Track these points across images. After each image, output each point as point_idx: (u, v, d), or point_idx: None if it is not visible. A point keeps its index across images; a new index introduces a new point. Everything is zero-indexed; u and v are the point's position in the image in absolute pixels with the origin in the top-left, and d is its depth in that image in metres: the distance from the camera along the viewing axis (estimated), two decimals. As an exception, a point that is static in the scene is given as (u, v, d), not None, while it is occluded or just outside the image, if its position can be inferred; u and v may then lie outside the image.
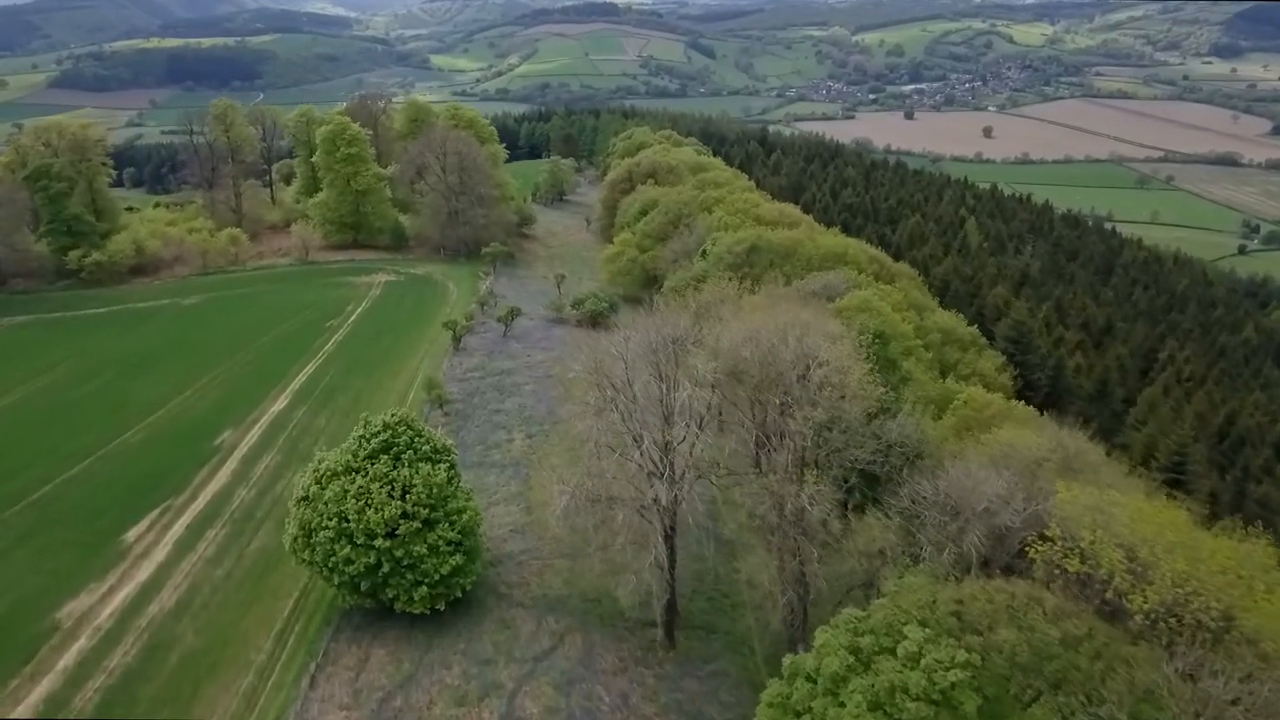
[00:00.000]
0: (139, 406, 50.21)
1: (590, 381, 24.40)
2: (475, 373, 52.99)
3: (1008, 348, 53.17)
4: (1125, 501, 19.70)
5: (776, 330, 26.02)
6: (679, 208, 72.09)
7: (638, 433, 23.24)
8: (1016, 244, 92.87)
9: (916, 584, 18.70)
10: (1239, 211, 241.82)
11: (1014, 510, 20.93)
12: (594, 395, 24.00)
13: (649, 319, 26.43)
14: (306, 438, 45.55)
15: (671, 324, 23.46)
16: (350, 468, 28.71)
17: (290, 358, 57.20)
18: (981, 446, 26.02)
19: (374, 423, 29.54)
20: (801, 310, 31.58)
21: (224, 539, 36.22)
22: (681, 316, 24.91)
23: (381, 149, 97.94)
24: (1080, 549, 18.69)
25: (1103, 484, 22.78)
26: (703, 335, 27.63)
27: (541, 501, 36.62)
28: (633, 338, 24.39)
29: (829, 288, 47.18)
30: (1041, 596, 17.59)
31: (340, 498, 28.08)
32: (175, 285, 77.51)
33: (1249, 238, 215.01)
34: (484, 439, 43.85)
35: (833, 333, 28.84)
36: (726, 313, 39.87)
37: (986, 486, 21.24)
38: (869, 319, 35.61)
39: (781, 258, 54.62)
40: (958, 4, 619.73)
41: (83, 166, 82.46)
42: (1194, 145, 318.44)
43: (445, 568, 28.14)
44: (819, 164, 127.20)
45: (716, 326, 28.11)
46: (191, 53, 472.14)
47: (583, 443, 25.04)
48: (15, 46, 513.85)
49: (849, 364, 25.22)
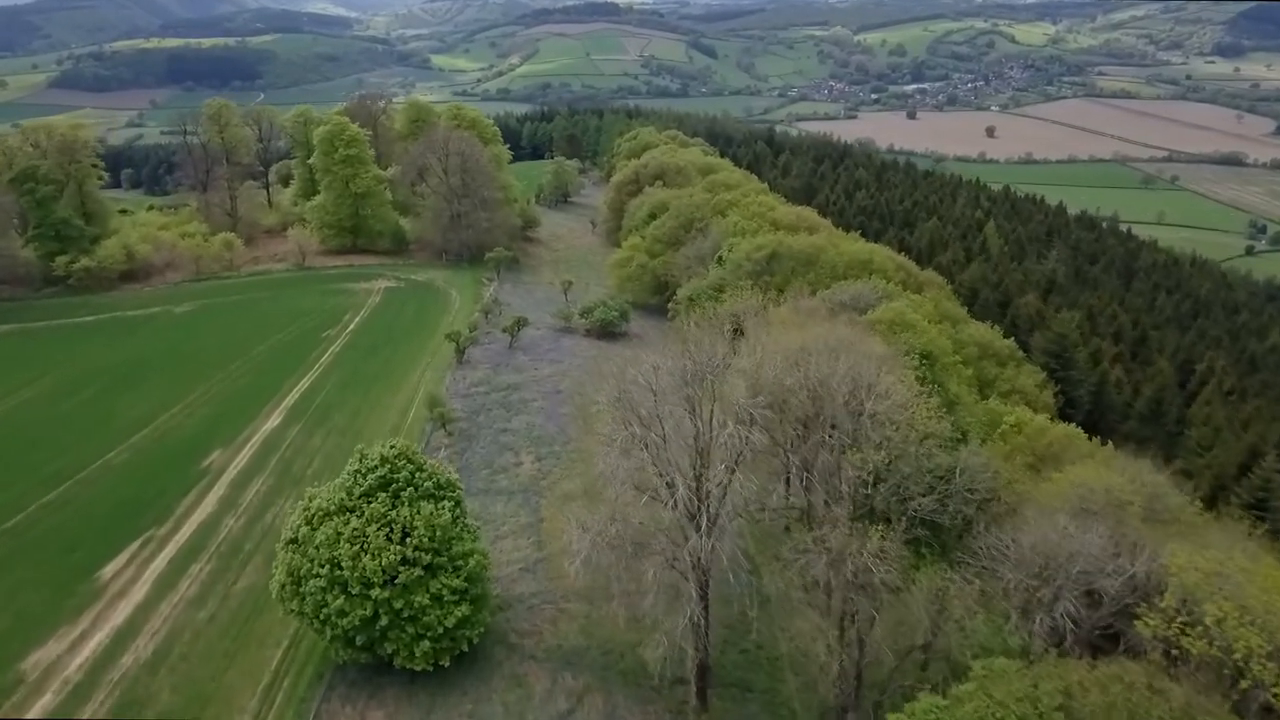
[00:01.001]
0: (124, 424, 47.37)
1: (616, 416, 21.49)
2: (480, 388, 50.07)
3: (1048, 362, 50.20)
4: (1252, 568, 16.78)
5: (823, 354, 23.09)
6: (690, 211, 69.17)
7: (671, 477, 20.33)
8: (1039, 248, 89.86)
9: (1009, 668, 15.79)
10: (1245, 212, 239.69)
11: (1112, 572, 18.02)
12: (621, 433, 21.08)
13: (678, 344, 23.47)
14: (300, 459, 42.66)
15: (707, 351, 20.54)
16: (344, 507, 25.77)
17: (284, 371, 54.32)
18: (1050, 484, 23.07)
19: (370, 456, 26.59)
20: (836, 326, 28.67)
21: (208, 576, 33.29)
22: (715, 339, 22.00)
23: (381, 150, 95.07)
24: (1204, 625, 15.79)
25: (1199, 537, 19.85)
26: (736, 356, 24.60)
27: (554, 533, 33.81)
28: (662, 366, 21.46)
29: (857, 299, 44.26)
30: (1166, 688, 14.70)
31: (333, 541, 25.15)
32: (167, 292, 74.61)
33: (1256, 238, 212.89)
34: (490, 462, 40.91)
35: (877, 353, 25.92)
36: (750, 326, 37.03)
37: (1078, 543, 18.30)
38: (914, 337, 32.72)
39: (803, 265, 51.71)
40: (959, 4, 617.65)
41: (72, 168, 79.61)
42: (1198, 145, 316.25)
43: (450, 620, 25.22)
44: (829, 165, 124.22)
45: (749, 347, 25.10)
46: (192, 53, 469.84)
47: (606, 482, 22.12)
48: (15, 47, 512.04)
49: (911, 395, 22.30)
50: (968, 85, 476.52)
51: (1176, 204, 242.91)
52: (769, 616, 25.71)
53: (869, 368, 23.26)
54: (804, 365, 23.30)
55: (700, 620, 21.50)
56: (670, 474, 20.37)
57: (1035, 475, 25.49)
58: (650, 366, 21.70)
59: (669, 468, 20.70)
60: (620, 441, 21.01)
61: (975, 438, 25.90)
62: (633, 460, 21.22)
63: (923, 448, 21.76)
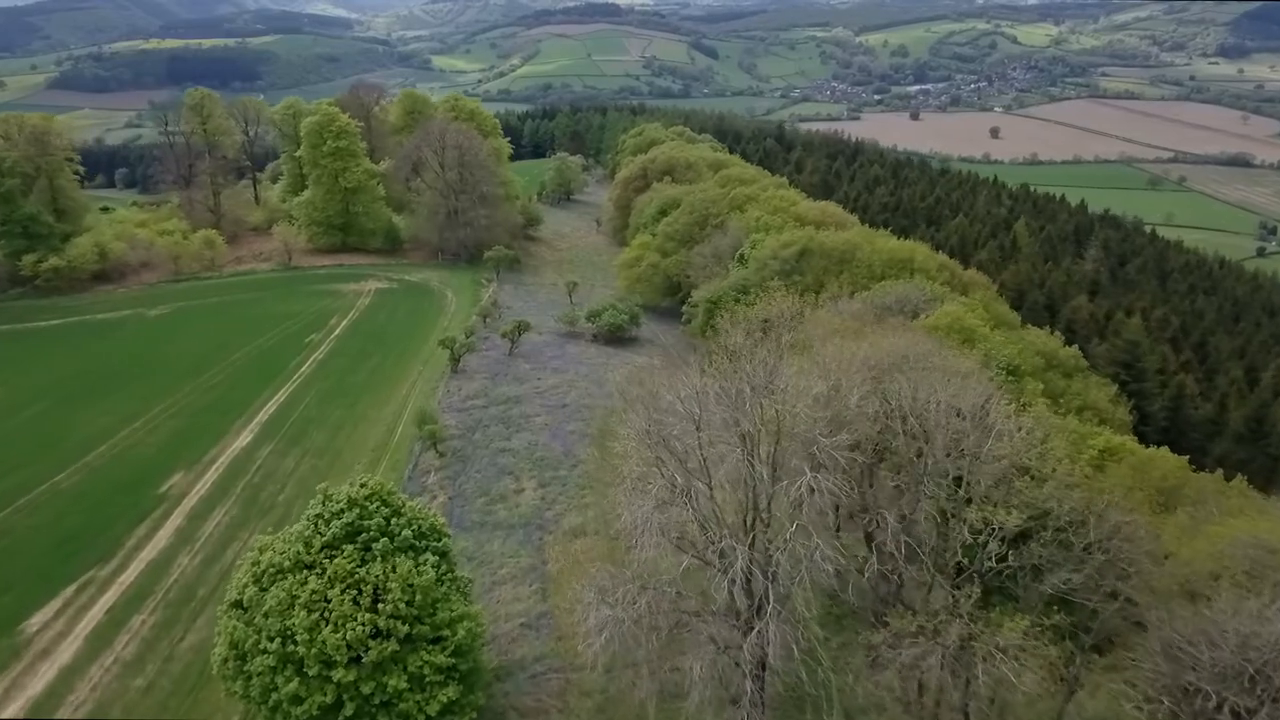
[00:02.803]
0: (78, 441, 42.27)
1: (647, 457, 16.35)
2: (476, 401, 44.88)
3: (1117, 373, 45.02)
4: None
5: (905, 372, 17.97)
6: (705, 206, 64.06)
7: (722, 541, 15.19)
8: (1071, 248, 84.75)
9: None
10: (1254, 213, 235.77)
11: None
12: (657, 481, 15.94)
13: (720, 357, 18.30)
14: (270, 485, 37.49)
15: (763, 367, 15.43)
16: (301, 562, 20.56)
17: (261, 381, 49.20)
18: (1202, 540, 17.91)
19: (335, 497, 21.40)
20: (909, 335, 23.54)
21: (151, 631, 28.08)
22: (771, 352, 16.93)
23: (375, 144, 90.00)
24: None
25: None
26: (794, 375, 19.25)
27: (562, 582, 28.59)
28: (708, 388, 16.29)
29: (903, 301, 39.16)
30: None
31: (286, 607, 19.95)
32: (141, 294, 69.50)
33: (1266, 239, 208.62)
34: (486, 488, 35.69)
35: (958, 369, 20.81)
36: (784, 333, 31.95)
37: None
38: (998, 349, 27.65)
39: (836, 264, 46.58)
40: (961, 4, 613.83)
41: (43, 161, 74.45)
42: (1204, 146, 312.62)
43: (433, 706, 20.03)
44: (843, 161, 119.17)
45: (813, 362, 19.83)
46: (191, 53, 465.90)
47: (635, 537, 16.97)
48: (15, 47, 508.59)
49: (1042, 433, 17.08)
50: (971, 86, 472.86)
51: (1185, 205, 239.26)
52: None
53: (973, 392, 18.03)
54: (886, 389, 18.07)
55: (759, 721, 16.33)
56: (720, 536, 15.25)
57: (1160, 523, 20.26)
58: (692, 390, 16.50)
59: (719, 528, 15.54)
60: (656, 492, 15.86)
61: (1125, 491, 20.20)
62: (670, 514, 16.13)
63: (1063, 499, 16.47)
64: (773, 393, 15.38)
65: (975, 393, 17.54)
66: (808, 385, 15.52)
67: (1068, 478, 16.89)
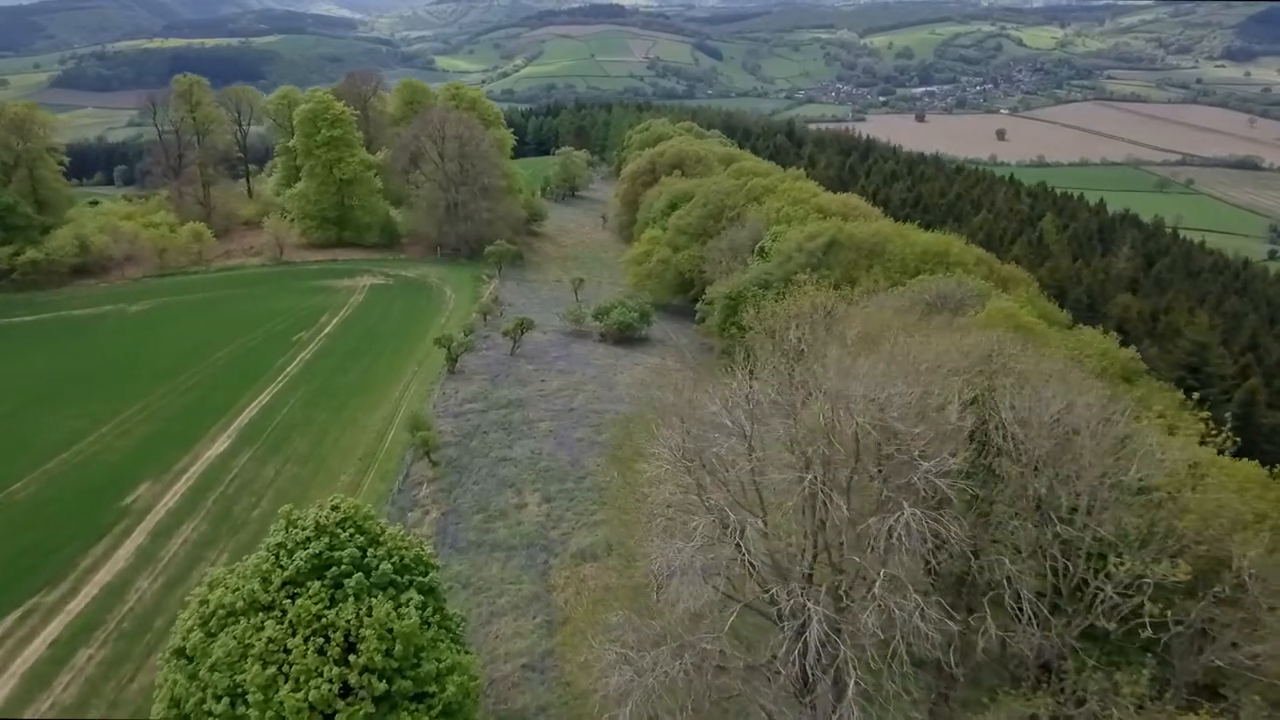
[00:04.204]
0: (41, 447, 38.74)
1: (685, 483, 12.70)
2: (475, 404, 41.20)
3: (1182, 377, 41.38)
4: None
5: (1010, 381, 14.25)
6: (720, 199, 60.43)
7: (795, 600, 11.49)
8: (1102, 245, 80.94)
9: None
10: (1263, 216, 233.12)
11: None
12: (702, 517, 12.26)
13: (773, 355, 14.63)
14: (246, 497, 33.87)
15: (835, 368, 11.84)
16: (256, 603, 16.87)
17: (243, 382, 45.63)
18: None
19: (302, 522, 17.72)
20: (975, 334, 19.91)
21: (98, 669, 24.46)
22: (838, 350, 13.43)
23: (372, 134, 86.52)
24: None
25: None
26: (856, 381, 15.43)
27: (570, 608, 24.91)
28: (760, 395, 12.60)
29: (944, 297, 35.53)
30: None
31: (236, 659, 16.28)
32: (123, 289, 66.02)
33: (1277, 242, 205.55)
34: (485, 503, 32.00)
35: (1061, 374, 17.17)
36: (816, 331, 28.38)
37: None
38: (1097, 356, 24.00)
39: (866, 257, 42.93)
40: (965, 7, 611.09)
41: (23, 150, 71.18)
42: (1211, 149, 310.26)
43: (417, 781, 16.30)
44: (857, 157, 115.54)
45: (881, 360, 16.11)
46: (194, 53, 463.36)
47: (669, 580, 13.33)
48: (19, 46, 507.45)
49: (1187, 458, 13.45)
50: (976, 88, 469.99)
51: (1194, 208, 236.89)
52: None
53: (1091, 404, 14.27)
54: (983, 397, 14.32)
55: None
56: (786, 587, 11.56)
57: None
58: (741, 397, 12.80)
59: (780, 574, 11.88)
60: (701, 529, 12.18)
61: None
62: (716, 552, 12.48)
63: (1245, 543, 12.90)
64: (850, 401, 11.75)
65: (1093, 404, 13.88)
66: (890, 391, 11.91)
67: (1232, 514, 13.33)
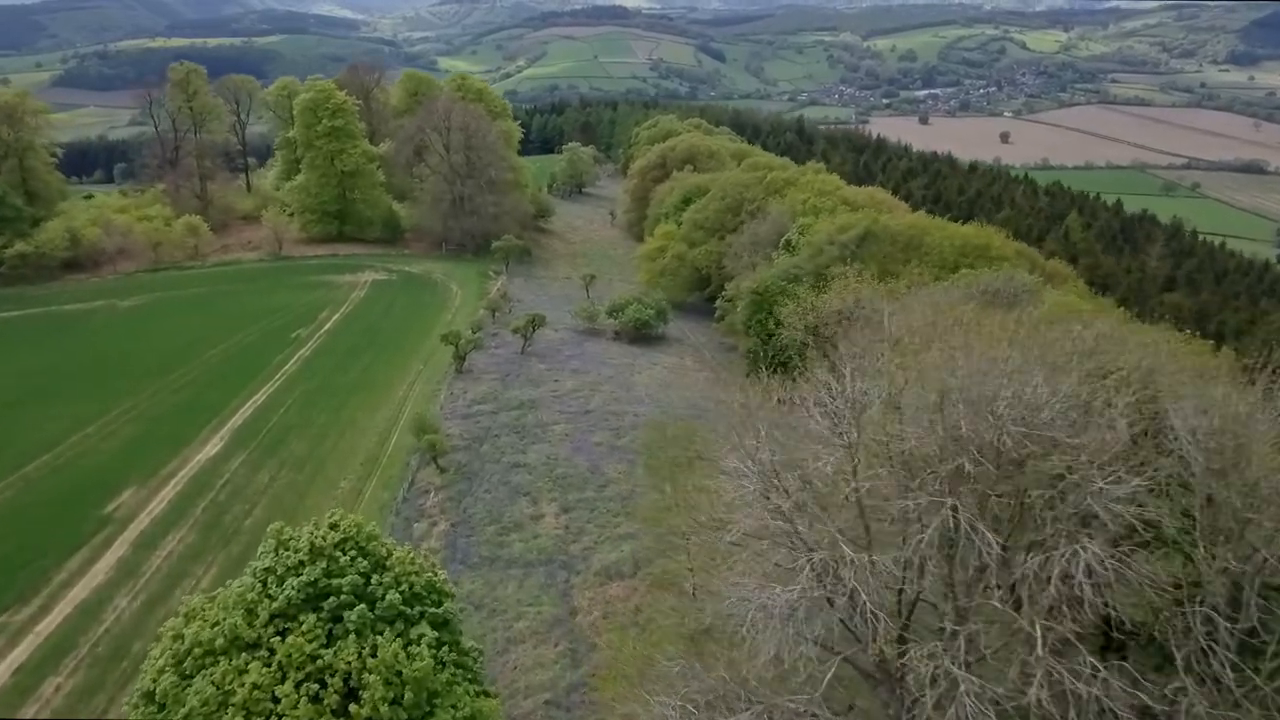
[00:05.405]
0: (22, 449, 36.19)
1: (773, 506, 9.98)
2: (485, 406, 38.56)
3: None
4: None
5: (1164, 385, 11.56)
6: (739, 192, 57.88)
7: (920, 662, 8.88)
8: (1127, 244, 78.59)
9: None
10: (1270, 220, 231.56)
11: None
12: (802, 558, 9.53)
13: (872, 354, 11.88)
14: (238, 504, 31.23)
15: (979, 364, 9.27)
16: (239, 640, 14.18)
17: (238, 381, 43.01)
18: None
19: (295, 543, 15.04)
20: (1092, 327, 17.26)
21: (66, 701, 21.83)
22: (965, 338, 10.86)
23: (375, 126, 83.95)
24: None
25: None
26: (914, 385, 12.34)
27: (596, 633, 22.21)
28: (861, 400, 9.88)
29: (994, 291, 33.07)
30: None
31: (215, 708, 13.59)
32: (115, 284, 63.46)
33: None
34: (498, 513, 29.32)
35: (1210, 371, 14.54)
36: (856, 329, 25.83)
37: None
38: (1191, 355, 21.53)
39: (903, 249, 40.37)
40: (969, 10, 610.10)
41: (13, 140, 68.63)
42: (1216, 152, 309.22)
43: None
44: (870, 154, 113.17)
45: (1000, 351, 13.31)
46: (196, 52, 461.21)
47: (751, 626, 10.59)
48: (21, 45, 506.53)
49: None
50: (980, 91, 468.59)
51: (1200, 211, 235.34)
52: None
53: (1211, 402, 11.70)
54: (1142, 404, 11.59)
55: None
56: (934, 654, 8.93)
57: None
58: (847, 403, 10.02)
59: (883, 624, 9.18)
60: (805, 585, 9.42)
61: None
62: (817, 599, 9.79)
63: None
64: (994, 402, 9.15)
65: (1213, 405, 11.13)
66: (1044, 391, 9.31)
67: None
